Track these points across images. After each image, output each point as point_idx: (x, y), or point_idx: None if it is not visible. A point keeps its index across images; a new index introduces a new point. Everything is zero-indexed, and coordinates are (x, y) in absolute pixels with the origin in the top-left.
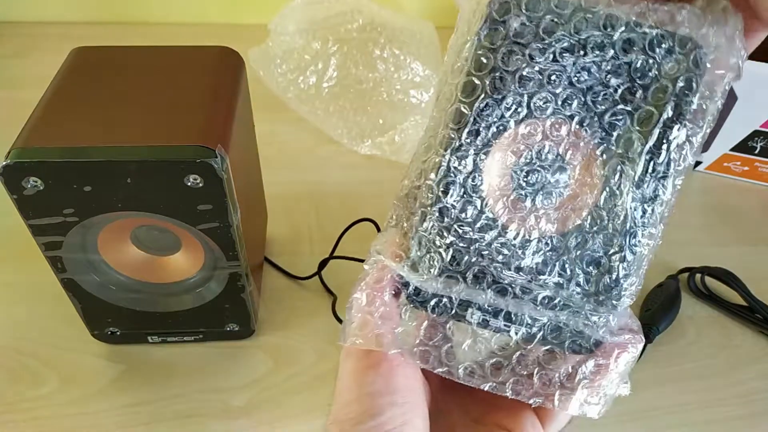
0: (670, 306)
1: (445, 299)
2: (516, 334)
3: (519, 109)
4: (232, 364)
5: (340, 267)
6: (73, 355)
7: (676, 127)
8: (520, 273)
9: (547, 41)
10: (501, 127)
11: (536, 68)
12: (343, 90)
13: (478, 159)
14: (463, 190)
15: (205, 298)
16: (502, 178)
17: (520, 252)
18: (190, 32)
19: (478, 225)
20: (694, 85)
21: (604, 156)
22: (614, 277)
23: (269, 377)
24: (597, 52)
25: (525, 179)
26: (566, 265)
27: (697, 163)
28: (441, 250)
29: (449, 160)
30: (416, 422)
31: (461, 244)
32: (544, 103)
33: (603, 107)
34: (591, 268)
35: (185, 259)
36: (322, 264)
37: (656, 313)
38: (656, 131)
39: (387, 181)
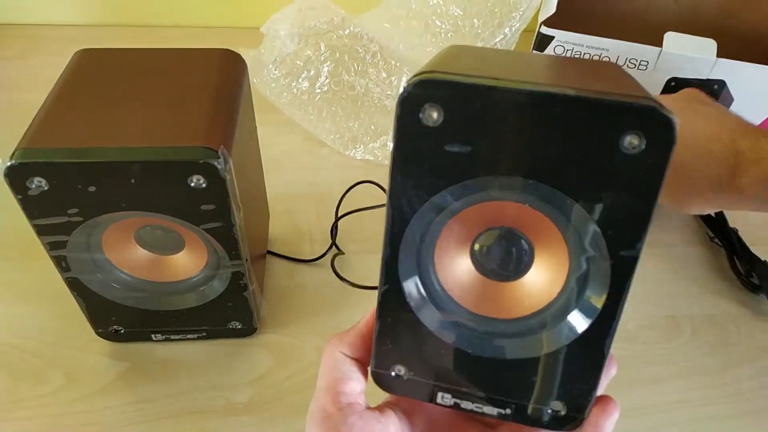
0: None
1: (412, 384)
2: (490, 413)
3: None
4: (234, 361)
5: (348, 235)
6: (78, 354)
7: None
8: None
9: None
10: (431, 232)
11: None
12: (336, 96)
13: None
14: (397, 299)
15: (208, 297)
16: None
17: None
18: (189, 34)
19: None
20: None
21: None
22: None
23: (271, 375)
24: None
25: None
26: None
27: None
28: (389, 349)
29: (384, 271)
30: None
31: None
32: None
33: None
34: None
35: (188, 258)
36: (334, 229)
37: None
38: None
39: (384, 180)
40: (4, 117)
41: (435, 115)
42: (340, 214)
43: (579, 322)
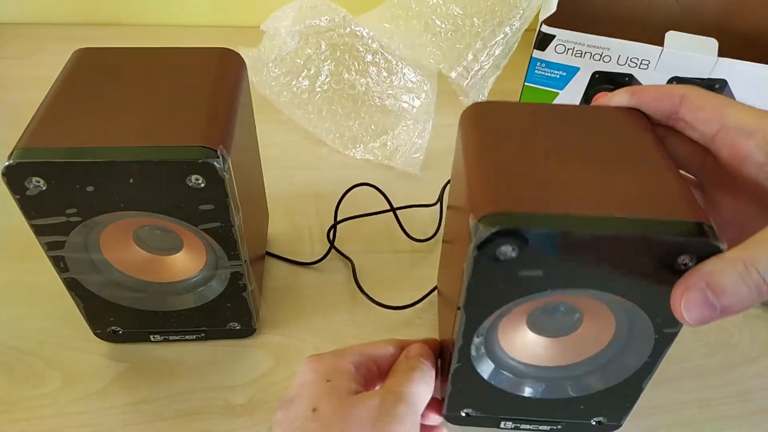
0: None
1: (479, 418)
2: (544, 429)
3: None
4: (233, 362)
5: (346, 237)
6: (76, 354)
7: None
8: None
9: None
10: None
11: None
12: (336, 95)
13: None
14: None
15: (207, 297)
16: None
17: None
18: (189, 34)
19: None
20: None
21: None
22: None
23: (270, 375)
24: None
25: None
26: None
27: None
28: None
29: (457, 355)
30: None
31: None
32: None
33: None
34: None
35: (187, 258)
36: (330, 233)
37: None
38: None
39: (384, 181)
40: (3, 117)
41: (510, 252)
42: (339, 219)
43: (619, 372)
